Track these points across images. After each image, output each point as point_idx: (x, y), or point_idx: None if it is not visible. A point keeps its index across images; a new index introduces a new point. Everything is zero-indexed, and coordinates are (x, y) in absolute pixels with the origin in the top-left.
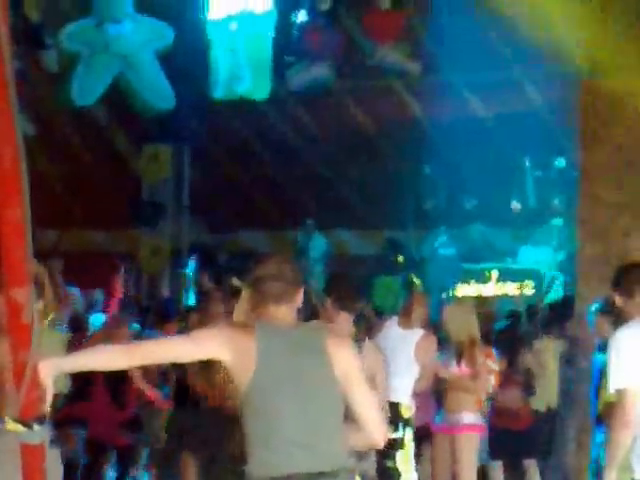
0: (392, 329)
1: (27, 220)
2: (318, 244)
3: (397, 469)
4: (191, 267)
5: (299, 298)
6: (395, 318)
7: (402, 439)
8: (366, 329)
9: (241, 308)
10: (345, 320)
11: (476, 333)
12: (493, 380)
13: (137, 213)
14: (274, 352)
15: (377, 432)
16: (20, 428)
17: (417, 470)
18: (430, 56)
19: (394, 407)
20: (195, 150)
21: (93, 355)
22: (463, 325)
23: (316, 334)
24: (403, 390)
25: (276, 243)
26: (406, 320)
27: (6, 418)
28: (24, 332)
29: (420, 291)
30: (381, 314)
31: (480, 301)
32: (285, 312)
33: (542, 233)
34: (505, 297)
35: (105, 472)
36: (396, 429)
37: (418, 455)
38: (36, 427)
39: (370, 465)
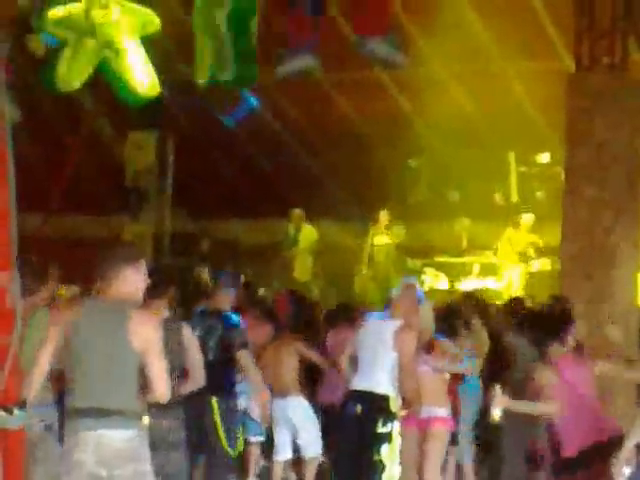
0: (373, 321)
1: (12, 204)
2: (307, 234)
3: (383, 462)
4: None
5: (128, 277)
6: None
7: (390, 433)
8: None
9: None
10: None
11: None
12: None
13: (120, 199)
14: (88, 321)
15: (160, 389)
16: (0, 413)
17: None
18: (417, 49)
19: (382, 400)
20: (179, 138)
21: None
22: (428, 320)
23: (123, 311)
24: (387, 381)
25: (259, 232)
26: (390, 311)
27: None
28: (6, 316)
29: (405, 283)
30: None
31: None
32: (110, 287)
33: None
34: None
35: None
36: (384, 423)
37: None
38: (16, 412)
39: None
